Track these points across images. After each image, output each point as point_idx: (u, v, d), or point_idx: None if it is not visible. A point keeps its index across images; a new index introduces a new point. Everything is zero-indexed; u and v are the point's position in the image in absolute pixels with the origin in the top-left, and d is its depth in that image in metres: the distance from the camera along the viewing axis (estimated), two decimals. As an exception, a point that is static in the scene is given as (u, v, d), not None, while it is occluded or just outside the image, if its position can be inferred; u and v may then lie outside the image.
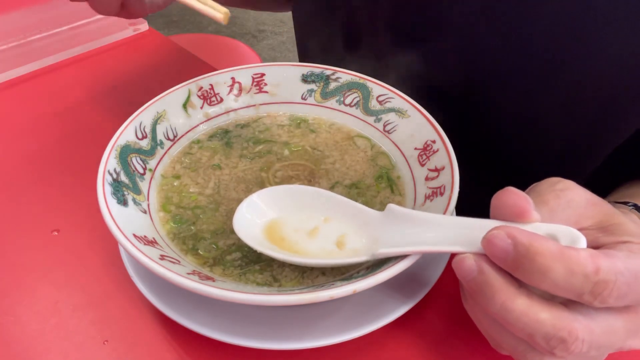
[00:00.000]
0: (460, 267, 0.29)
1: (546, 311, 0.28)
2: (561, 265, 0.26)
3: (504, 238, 0.28)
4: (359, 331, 0.35)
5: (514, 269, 0.28)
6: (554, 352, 0.28)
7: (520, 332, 0.28)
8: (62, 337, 0.39)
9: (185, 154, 0.48)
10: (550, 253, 0.27)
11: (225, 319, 0.36)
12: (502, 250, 0.28)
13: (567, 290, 0.27)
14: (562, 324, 0.27)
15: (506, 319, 0.28)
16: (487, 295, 0.28)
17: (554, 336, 0.27)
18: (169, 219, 0.41)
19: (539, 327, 0.27)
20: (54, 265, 0.44)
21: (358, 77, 0.50)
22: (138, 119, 0.45)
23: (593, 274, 0.26)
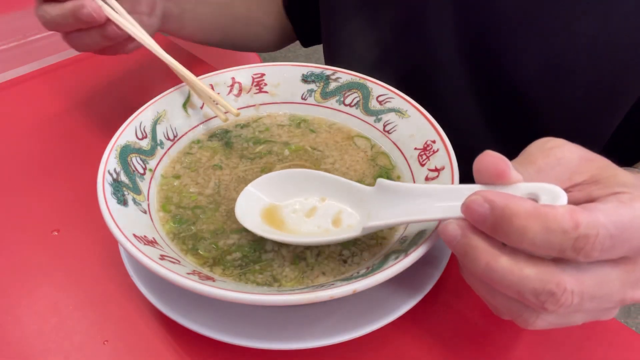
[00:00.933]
0: (445, 233, 0.30)
1: (531, 266, 0.28)
2: (538, 223, 0.26)
3: (481, 203, 0.28)
4: (359, 331, 0.35)
5: (493, 231, 0.28)
6: (545, 307, 0.28)
7: (509, 290, 0.28)
8: (62, 337, 0.39)
9: (186, 154, 0.48)
10: (525, 212, 0.27)
11: (225, 319, 0.36)
12: (480, 215, 0.28)
13: (548, 248, 0.27)
14: (549, 276, 0.27)
15: (493, 278, 0.28)
16: (472, 257, 0.29)
17: (542, 290, 0.27)
18: (169, 219, 0.41)
19: (526, 282, 0.28)
20: (54, 265, 0.44)
21: (358, 77, 0.50)
22: (138, 119, 0.45)
23: (572, 229, 0.26)
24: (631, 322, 1.37)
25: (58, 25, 0.48)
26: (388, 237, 0.40)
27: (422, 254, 0.33)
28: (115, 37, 0.48)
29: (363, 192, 0.38)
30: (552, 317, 0.29)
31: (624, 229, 0.27)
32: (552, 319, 0.29)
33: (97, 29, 0.47)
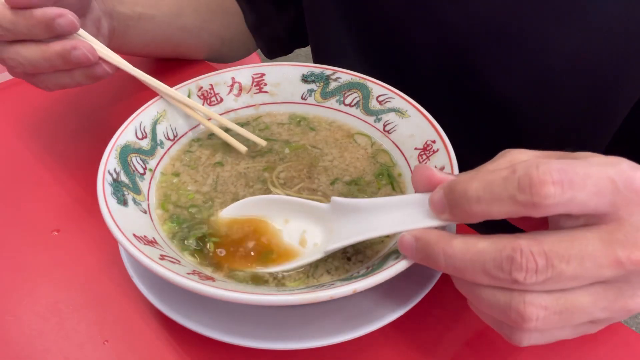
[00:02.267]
0: (402, 246, 0.32)
1: (483, 240, 0.28)
2: (477, 181, 0.28)
3: (437, 190, 0.31)
4: (359, 331, 0.35)
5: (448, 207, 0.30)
6: (515, 278, 0.26)
7: (473, 272, 0.28)
8: (62, 337, 0.39)
9: (186, 152, 0.48)
10: (465, 177, 0.29)
11: (225, 319, 0.36)
12: (437, 200, 0.31)
13: (496, 201, 0.27)
14: (503, 243, 0.27)
15: (455, 266, 0.29)
16: (430, 254, 0.30)
17: (500, 259, 0.27)
18: (167, 218, 0.41)
19: (484, 256, 0.27)
20: (54, 265, 0.44)
21: (358, 77, 0.50)
22: (138, 119, 0.45)
23: (510, 173, 0.26)
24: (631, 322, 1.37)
25: (35, 68, 0.42)
26: (390, 235, 0.40)
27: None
28: (104, 76, 0.45)
29: (322, 211, 0.39)
30: (547, 299, 0.27)
31: (572, 170, 0.26)
32: (547, 302, 0.27)
33: (83, 69, 0.44)
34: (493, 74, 0.52)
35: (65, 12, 0.41)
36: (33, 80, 0.45)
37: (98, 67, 0.44)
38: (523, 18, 0.48)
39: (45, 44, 0.42)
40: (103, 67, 0.44)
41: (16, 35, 0.41)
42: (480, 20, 0.50)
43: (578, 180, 0.26)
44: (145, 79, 0.46)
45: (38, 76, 0.45)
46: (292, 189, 0.43)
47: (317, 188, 0.44)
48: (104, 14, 0.51)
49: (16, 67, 0.43)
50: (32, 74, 0.44)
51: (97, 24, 0.50)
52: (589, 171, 0.26)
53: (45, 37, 0.42)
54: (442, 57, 0.54)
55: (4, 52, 0.42)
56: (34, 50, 0.42)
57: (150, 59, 0.69)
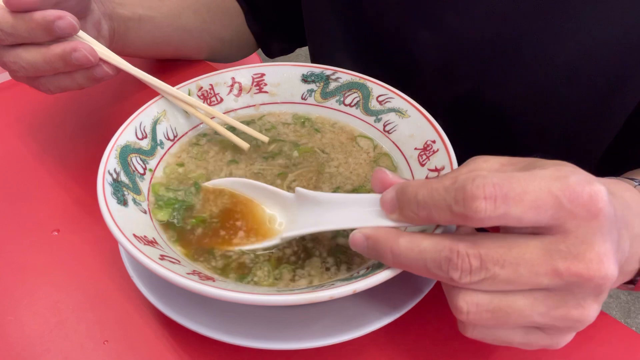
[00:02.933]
0: (353, 243, 0.33)
1: (427, 240, 0.29)
2: (425, 188, 0.29)
3: (389, 191, 0.32)
4: (359, 331, 0.35)
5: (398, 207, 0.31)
6: (451, 277, 0.28)
7: (417, 268, 0.30)
8: (62, 337, 0.39)
9: (193, 145, 0.48)
10: (417, 183, 0.30)
11: (225, 319, 0.36)
12: (388, 200, 0.32)
13: (437, 208, 0.28)
14: (442, 244, 0.28)
15: (402, 263, 0.30)
16: (380, 251, 0.31)
17: (439, 259, 0.28)
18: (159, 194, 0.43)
19: (425, 255, 0.29)
20: (54, 265, 0.44)
21: (358, 77, 0.50)
22: (138, 119, 0.45)
23: (451, 184, 0.28)
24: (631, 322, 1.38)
25: (37, 71, 0.43)
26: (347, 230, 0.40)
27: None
28: (104, 78, 0.45)
29: (286, 199, 0.40)
30: (481, 297, 0.28)
31: (509, 185, 0.26)
32: (480, 299, 0.28)
33: (84, 71, 0.44)
34: (490, 82, 0.52)
35: (64, 14, 0.41)
36: (34, 83, 0.45)
37: (99, 68, 0.44)
38: (521, 28, 0.48)
39: (45, 47, 0.42)
40: (104, 69, 0.44)
41: (17, 39, 0.41)
42: (479, 28, 0.50)
43: (513, 195, 0.26)
44: (147, 78, 0.46)
45: (39, 79, 0.45)
46: None
47: None
48: (103, 16, 0.51)
49: (18, 70, 0.43)
50: (33, 77, 0.44)
51: (98, 26, 0.50)
52: (529, 186, 0.27)
53: (46, 40, 0.42)
54: (440, 63, 0.54)
55: (5, 56, 0.43)
56: (34, 53, 0.42)
57: (151, 60, 0.69)
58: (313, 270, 0.38)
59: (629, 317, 1.39)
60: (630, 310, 1.40)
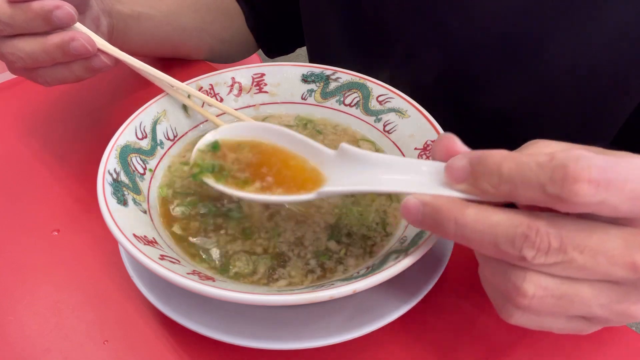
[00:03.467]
0: (407, 210, 0.30)
1: (499, 213, 0.27)
2: (512, 161, 0.26)
3: (459, 158, 0.29)
4: (359, 331, 0.35)
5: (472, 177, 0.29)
6: (523, 255, 0.26)
7: (482, 243, 0.27)
8: (62, 337, 0.39)
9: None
10: (500, 154, 0.27)
11: (225, 319, 0.36)
12: (459, 168, 0.29)
13: (526, 186, 0.26)
14: (519, 219, 0.26)
15: (466, 236, 0.28)
16: (440, 222, 0.28)
17: (514, 234, 0.26)
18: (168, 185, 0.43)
19: (497, 230, 0.26)
20: (54, 265, 0.44)
21: (358, 77, 0.50)
22: (138, 119, 0.45)
23: (547, 161, 0.25)
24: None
25: (35, 61, 0.42)
26: (390, 233, 0.40)
27: (422, 254, 0.33)
28: (103, 68, 0.45)
29: (326, 156, 0.37)
30: (550, 281, 0.27)
31: (613, 170, 0.24)
32: (549, 283, 0.27)
33: (82, 61, 0.44)
34: (492, 83, 0.52)
35: (62, 3, 0.41)
36: (32, 75, 0.45)
37: (97, 59, 0.44)
38: (523, 28, 0.48)
39: (43, 37, 0.42)
40: (102, 59, 0.44)
41: (15, 29, 0.41)
42: (481, 29, 0.50)
43: (616, 182, 0.24)
44: (144, 68, 0.46)
45: (37, 70, 0.44)
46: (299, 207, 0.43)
47: (320, 204, 0.43)
48: (102, 12, 0.52)
49: (16, 61, 0.43)
50: (31, 68, 0.44)
51: (96, 22, 0.50)
52: (630, 175, 0.25)
53: (44, 30, 0.42)
54: (441, 63, 0.54)
55: (3, 47, 0.43)
56: (32, 43, 0.42)
57: (150, 59, 0.69)
58: (293, 272, 0.38)
59: (629, 317, 1.39)
60: (630, 310, 1.40)
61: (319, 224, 0.41)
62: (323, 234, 0.40)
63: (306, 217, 0.41)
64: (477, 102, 0.54)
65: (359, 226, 0.41)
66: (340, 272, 0.38)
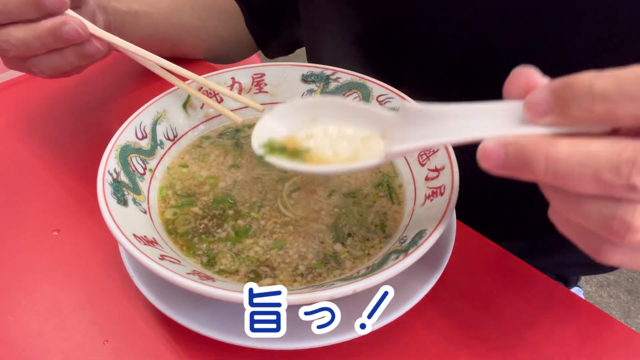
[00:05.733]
0: (484, 155, 0.27)
1: (596, 142, 0.24)
2: (608, 77, 0.24)
3: (540, 90, 0.26)
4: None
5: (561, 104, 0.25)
6: (633, 183, 0.23)
7: (580, 178, 0.24)
8: (62, 337, 0.39)
9: (196, 147, 0.48)
10: (590, 74, 0.24)
11: (225, 319, 0.36)
12: (541, 99, 0.26)
13: (628, 102, 0.23)
14: (624, 144, 0.23)
15: (560, 172, 0.24)
16: (527, 160, 0.25)
17: (619, 161, 0.23)
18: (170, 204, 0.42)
19: (598, 158, 0.23)
20: (54, 265, 0.44)
21: (358, 77, 0.50)
22: (138, 119, 0.45)
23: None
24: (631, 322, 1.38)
25: (28, 49, 0.42)
26: (389, 235, 0.40)
27: (422, 254, 0.33)
28: (96, 54, 0.44)
29: (385, 119, 0.34)
30: None
31: None
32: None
33: (74, 47, 0.43)
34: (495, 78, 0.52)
35: None
36: (26, 65, 0.45)
37: (89, 44, 0.43)
38: (534, 16, 0.47)
39: (36, 23, 0.42)
40: (95, 44, 0.44)
41: (7, 17, 0.41)
42: (484, 23, 0.50)
43: None
44: (137, 51, 0.46)
45: (31, 60, 0.44)
46: (297, 213, 0.42)
47: (319, 209, 0.43)
48: (99, 8, 0.52)
49: (9, 49, 0.43)
50: (24, 57, 0.44)
51: (92, 17, 0.50)
52: None
53: (36, 17, 0.42)
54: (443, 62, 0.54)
55: None
56: (25, 30, 0.41)
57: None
58: (282, 276, 0.38)
59: (629, 317, 1.39)
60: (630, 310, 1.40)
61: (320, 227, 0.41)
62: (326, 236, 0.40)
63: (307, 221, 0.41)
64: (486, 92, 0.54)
65: (358, 227, 0.41)
66: (333, 276, 0.38)
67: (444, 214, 0.36)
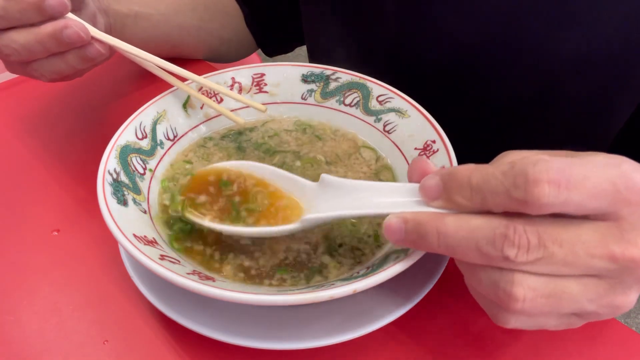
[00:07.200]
0: (389, 229, 0.31)
1: (478, 218, 0.28)
2: (479, 172, 0.28)
3: (431, 176, 0.31)
4: (359, 331, 0.35)
5: (445, 193, 0.30)
6: (506, 255, 0.26)
7: (466, 249, 0.28)
8: (62, 337, 0.39)
9: (200, 146, 0.49)
10: (468, 168, 0.29)
11: (225, 319, 0.36)
12: (431, 186, 0.30)
13: (493, 194, 0.27)
14: (497, 221, 0.27)
15: (449, 244, 0.29)
16: (423, 234, 0.29)
17: (493, 236, 0.27)
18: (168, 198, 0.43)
19: (477, 233, 0.27)
20: (54, 265, 0.44)
21: (358, 77, 0.50)
22: (138, 119, 0.45)
23: (509, 169, 0.27)
24: (631, 322, 1.37)
25: (30, 53, 0.42)
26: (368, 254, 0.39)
27: (422, 254, 0.33)
28: (97, 57, 0.44)
29: (308, 187, 0.38)
30: (537, 281, 0.27)
31: (570, 170, 0.26)
32: (537, 283, 0.27)
33: (76, 51, 0.43)
34: (495, 79, 0.52)
35: None
36: (28, 69, 0.45)
37: (91, 47, 0.44)
38: (524, 23, 0.48)
39: (37, 27, 0.42)
40: (96, 47, 0.44)
41: (9, 22, 0.41)
42: (480, 27, 0.50)
43: (576, 181, 0.26)
44: (139, 53, 0.46)
45: (32, 64, 0.44)
46: None
47: None
48: (99, 11, 0.51)
49: (11, 54, 0.43)
50: (26, 62, 0.44)
51: (93, 19, 0.50)
52: (589, 173, 0.26)
53: (37, 21, 0.42)
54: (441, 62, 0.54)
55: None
56: (27, 34, 0.41)
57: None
58: None
59: (629, 317, 1.39)
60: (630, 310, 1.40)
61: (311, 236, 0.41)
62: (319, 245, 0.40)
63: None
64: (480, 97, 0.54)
65: (351, 237, 0.40)
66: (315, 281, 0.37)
67: (444, 214, 0.36)
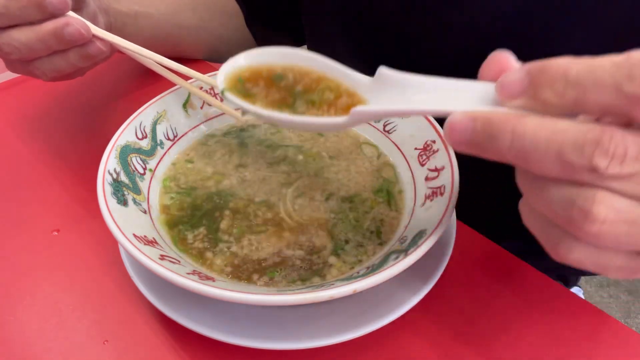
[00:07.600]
0: (452, 128, 0.26)
1: (564, 121, 0.23)
2: (581, 63, 0.23)
3: (515, 71, 0.26)
4: (360, 331, 0.35)
5: (534, 88, 0.24)
6: (595, 165, 0.22)
7: (544, 155, 0.23)
8: (62, 337, 0.39)
9: (202, 144, 0.49)
10: (564, 59, 0.24)
11: (225, 319, 0.36)
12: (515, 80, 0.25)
13: (599, 89, 0.22)
14: (590, 125, 0.23)
15: (524, 147, 0.24)
16: (494, 134, 0.25)
17: (583, 140, 0.22)
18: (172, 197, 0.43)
19: (563, 135, 0.23)
20: (54, 265, 0.44)
21: (358, 76, 0.50)
22: (138, 119, 0.45)
23: (624, 60, 0.22)
24: (631, 322, 1.38)
25: (31, 51, 0.42)
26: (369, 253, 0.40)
27: (423, 254, 0.33)
28: (99, 55, 0.44)
29: (360, 82, 0.34)
30: (623, 203, 0.23)
31: None
32: (622, 205, 0.23)
33: (77, 49, 0.43)
34: None
35: None
36: (28, 68, 0.45)
37: (92, 45, 0.43)
38: (527, 17, 0.48)
39: (38, 25, 0.42)
40: (97, 45, 0.44)
41: (10, 19, 0.41)
42: (484, 28, 0.50)
43: None
44: (140, 51, 0.46)
45: (33, 62, 0.44)
46: (297, 219, 0.42)
47: (320, 216, 0.42)
48: (99, 10, 0.52)
49: (12, 52, 0.43)
50: (27, 60, 0.44)
51: (94, 19, 0.50)
52: None
53: (38, 18, 0.42)
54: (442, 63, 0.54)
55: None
56: (27, 32, 0.41)
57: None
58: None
59: (629, 317, 1.39)
60: (630, 310, 1.40)
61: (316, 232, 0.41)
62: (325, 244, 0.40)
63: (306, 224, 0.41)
64: None
65: (355, 233, 0.41)
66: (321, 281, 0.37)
67: (444, 214, 0.36)
